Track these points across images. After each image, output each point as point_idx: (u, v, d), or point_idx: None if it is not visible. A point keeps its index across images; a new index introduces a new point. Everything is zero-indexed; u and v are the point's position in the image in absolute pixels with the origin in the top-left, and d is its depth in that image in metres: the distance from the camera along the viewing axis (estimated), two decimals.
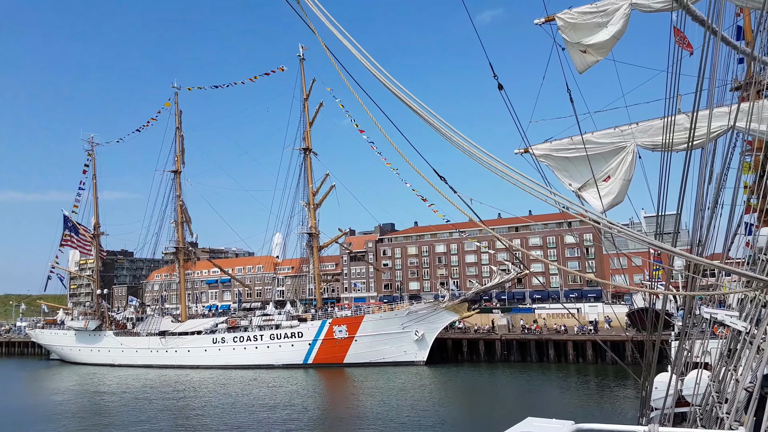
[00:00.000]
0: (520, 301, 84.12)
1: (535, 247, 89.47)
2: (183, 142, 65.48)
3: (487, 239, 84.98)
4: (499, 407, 33.04)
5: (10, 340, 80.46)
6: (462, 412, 31.83)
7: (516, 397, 36.26)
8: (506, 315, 60.05)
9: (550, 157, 11.82)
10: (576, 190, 11.73)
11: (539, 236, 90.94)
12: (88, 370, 58.11)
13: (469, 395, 37.42)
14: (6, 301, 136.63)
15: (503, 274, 48.17)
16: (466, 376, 45.18)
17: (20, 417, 34.29)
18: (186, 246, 66.36)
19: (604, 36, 10.32)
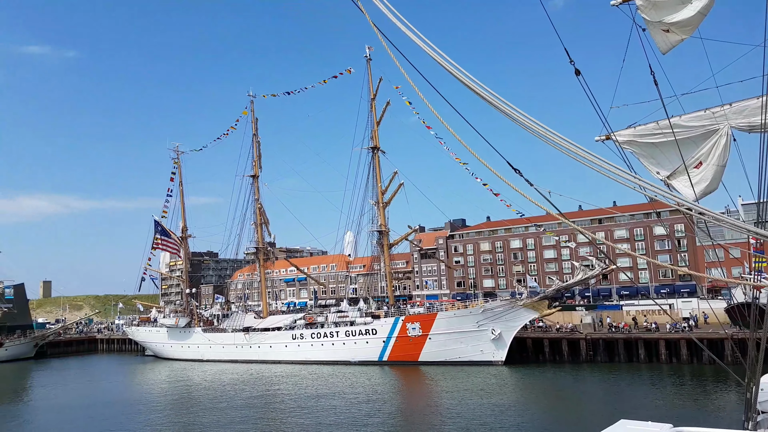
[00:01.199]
0: (606, 298, 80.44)
1: (622, 239, 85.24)
2: (259, 148, 68.22)
3: (567, 233, 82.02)
4: (586, 409, 31.79)
5: (110, 338, 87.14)
6: (546, 413, 30.89)
7: (604, 399, 34.68)
8: (591, 313, 57.63)
9: (635, 143, 11.17)
10: (665, 179, 11.01)
11: (625, 228, 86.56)
12: (180, 365, 61.94)
13: (553, 397, 36.26)
14: (106, 301, 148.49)
15: (586, 270, 46.18)
16: (549, 376, 43.79)
17: (123, 409, 37.18)
18: (265, 246, 69.05)
19: (688, 12, 9.59)
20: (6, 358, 72.88)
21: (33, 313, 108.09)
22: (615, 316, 55.55)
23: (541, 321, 54.55)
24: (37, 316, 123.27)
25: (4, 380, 57.08)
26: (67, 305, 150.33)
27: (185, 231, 74.99)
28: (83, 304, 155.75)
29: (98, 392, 45.46)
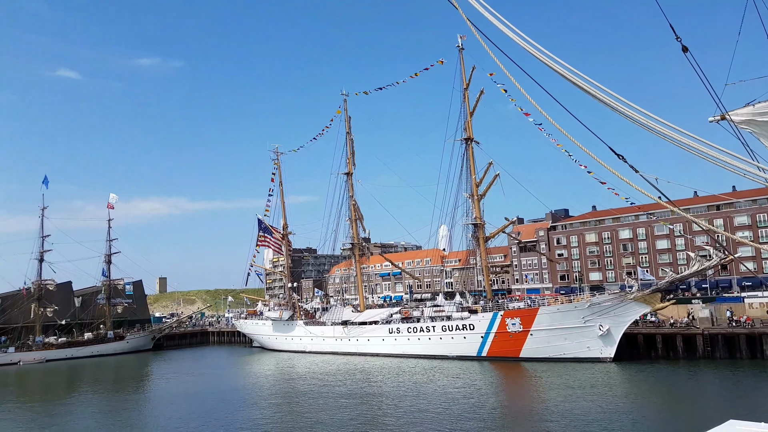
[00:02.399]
0: (726, 290, 74.16)
1: (742, 227, 78.07)
2: (353, 146, 70.07)
3: (681, 221, 76.44)
4: (699, 409, 29.85)
5: (220, 330, 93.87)
6: (657, 412, 29.30)
7: (721, 398, 32.35)
8: (709, 306, 53.42)
9: (754, 122, 10.38)
10: None
11: (746, 214, 79.15)
12: (284, 356, 65.50)
13: (665, 395, 34.23)
14: (216, 295, 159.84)
15: (703, 261, 42.88)
16: (662, 374, 41.30)
17: (235, 397, 40.17)
18: (360, 242, 70.93)
19: None
20: (127, 350, 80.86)
21: (150, 307, 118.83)
22: (736, 309, 51.12)
23: (653, 315, 51.44)
24: (154, 310, 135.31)
25: (126, 371, 63.52)
26: (181, 300, 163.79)
27: (286, 228, 78.85)
28: (196, 298, 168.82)
29: (211, 382, 49.32)
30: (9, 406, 41.57)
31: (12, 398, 45.40)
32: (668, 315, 51.69)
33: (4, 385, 54.33)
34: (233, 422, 30.89)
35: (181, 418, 33.04)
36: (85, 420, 34.58)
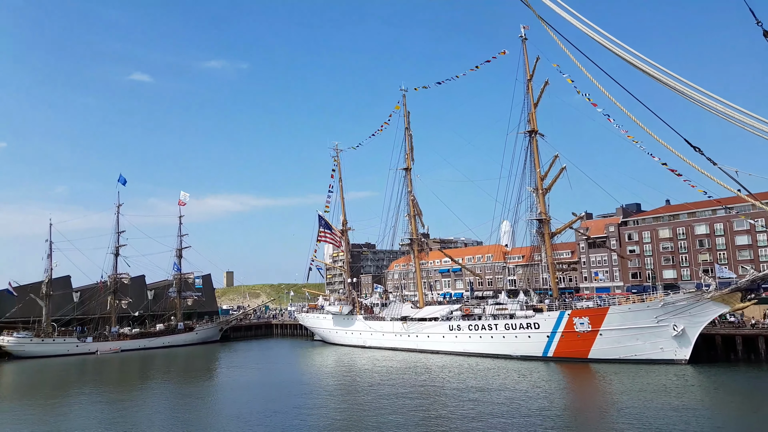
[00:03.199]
0: None
1: None
2: (411, 141, 70.18)
3: (763, 216, 71.65)
4: None
5: (283, 323, 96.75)
6: (737, 419, 27.78)
7: None
8: None
9: None
10: None
11: None
12: (345, 350, 66.68)
13: (745, 400, 32.36)
14: (279, 290, 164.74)
15: None
16: (742, 378, 39.05)
17: (298, 389, 41.40)
18: (419, 237, 70.97)
19: None
20: (197, 341, 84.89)
21: (218, 300, 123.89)
22: None
23: (732, 315, 48.61)
24: (222, 303, 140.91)
25: (197, 360, 66.61)
26: (246, 293, 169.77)
27: (345, 224, 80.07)
28: (260, 292, 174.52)
29: (276, 372, 51.14)
30: (88, 392, 44.70)
31: (91, 385, 48.76)
32: (750, 315, 48.74)
33: (83, 373, 58.40)
34: (299, 414, 31.83)
35: (249, 408, 34.37)
36: (158, 407, 36.65)
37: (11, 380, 56.12)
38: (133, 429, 30.15)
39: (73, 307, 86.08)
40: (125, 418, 33.44)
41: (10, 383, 54.24)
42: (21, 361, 70.19)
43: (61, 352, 74.86)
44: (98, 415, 34.53)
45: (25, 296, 79.78)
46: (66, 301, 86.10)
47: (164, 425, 30.89)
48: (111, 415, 34.62)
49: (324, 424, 29.19)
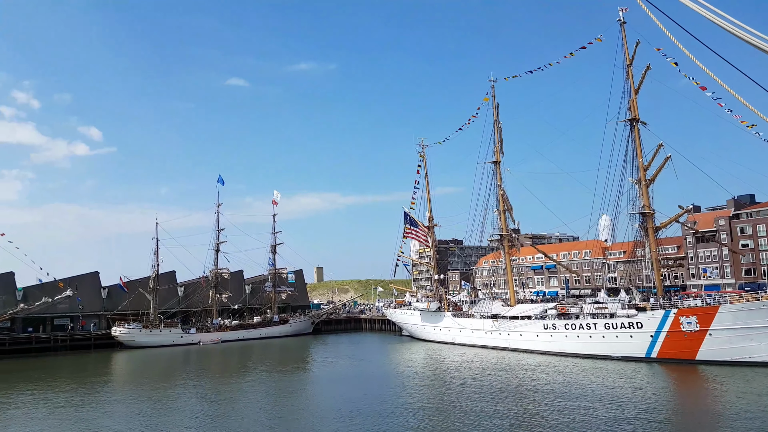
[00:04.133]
0: None
1: None
2: (501, 133, 69.02)
3: None
4: None
5: (371, 318, 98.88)
6: None
7: None
8: None
9: None
10: None
11: None
12: (433, 347, 67.09)
13: None
14: (367, 285, 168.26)
15: None
16: None
17: (388, 383, 42.34)
18: (509, 233, 69.78)
19: None
20: (290, 333, 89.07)
21: (309, 295, 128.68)
22: None
23: None
24: (313, 297, 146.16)
25: (291, 352, 69.79)
26: (336, 288, 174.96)
27: (431, 220, 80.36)
28: (349, 287, 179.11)
29: (367, 366, 52.47)
30: (194, 380, 48.36)
31: (195, 374, 52.70)
32: None
33: (187, 362, 63.12)
34: (392, 409, 32.55)
35: (341, 397, 35.71)
36: (257, 396, 38.95)
37: (124, 368, 61.76)
38: (235, 416, 32.29)
39: (178, 301, 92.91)
40: (228, 405, 35.88)
41: (122, 371, 59.77)
42: (131, 350, 76.88)
43: (167, 343, 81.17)
44: (203, 402, 37.28)
45: (135, 290, 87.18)
46: (171, 294, 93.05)
47: (265, 412, 32.81)
48: (215, 402, 37.27)
49: (418, 420, 29.65)
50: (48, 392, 42.56)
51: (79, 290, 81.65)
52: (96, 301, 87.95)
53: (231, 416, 31.98)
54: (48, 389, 43.96)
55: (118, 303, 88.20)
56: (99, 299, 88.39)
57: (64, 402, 38.50)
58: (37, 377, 51.67)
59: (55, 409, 36.14)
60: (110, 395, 41.97)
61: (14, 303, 77.64)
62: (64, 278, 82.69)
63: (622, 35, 54.93)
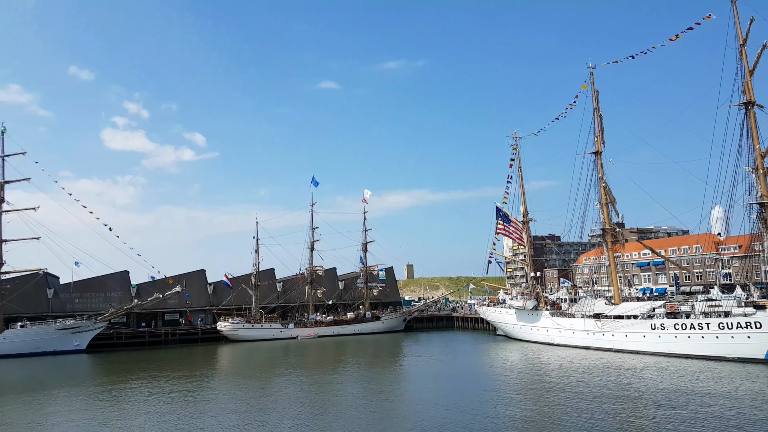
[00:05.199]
0: None
1: None
2: (601, 122, 66.73)
3: None
4: None
5: (464, 316, 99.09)
6: None
7: None
8: None
9: None
10: None
11: None
12: (530, 347, 66.34)
13: None
14: (458, 282, 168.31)
15: None
16: None
17: (483, 383, 42.85)
18: (612, 227, 67.39)
19: None
20: (383, 330, 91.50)
21: (400, 292, 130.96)
22: None
23: None
24: (404, 294, 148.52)
25: (383, 348, 71.72)
26: (426, 285, 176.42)
27: (526, 215, 79.20)
28: (439, 284, 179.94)
29: (461, 364, 53.16)
30: (294, 372, 51.49)
31: (295, 367, 55.99)
32: None
33: (287, 356, 66.97)
34: (490, 410, 33.13)
35: (436, 396, 36.77)
36: (353, 389, 40.95)
37: (229, 360, 66.64)
38: (335, 408, 34.34)
39: (277, 296, 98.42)
40: (327, 398, 38.15)
41: (227, 363, 64.55)
42: (235, 344, 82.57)
43: (268, 337, 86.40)
44: (305, 394, 39.84)
45: (238, 286, 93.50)
46: (271, 290, 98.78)
47: (361, 406, 34.61)
48: (316, 395, 39.71)
49: (519, 422, 29.98)
50: (163, 382, 47.23)
51: (187, 287, 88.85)
52: (202, 296, 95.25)
53: (331, 408, 34.03)
54: (163, 380, 48.77)
55: (222, 298, 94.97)
56: (205, 295, 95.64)
57: (178, 392, 42.67)
58: (153, 368, 57.34)
59: (170, 398, 40.17)
60: (220, 385, 45.96)
61: (129, 299, 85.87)
62: (174, 275, 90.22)
63: (733, 12, 51.50)
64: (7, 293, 76.22)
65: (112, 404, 37.53)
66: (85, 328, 75.02)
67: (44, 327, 73.79)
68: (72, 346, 73.32)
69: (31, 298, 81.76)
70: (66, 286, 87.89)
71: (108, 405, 37.20)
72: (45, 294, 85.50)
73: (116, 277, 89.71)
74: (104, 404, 37.52)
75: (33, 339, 71.82)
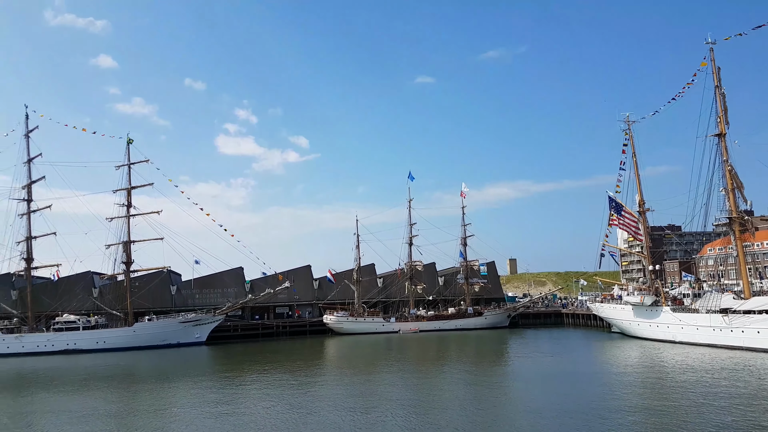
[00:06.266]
0: None
1: None
2: (724, 101, 61.42)
3: None
4: None
5: (574, 312, 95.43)
6: None
7: None
8: None
9: None
10: None
11: None
12: (649, 345, 62.67)
13: None
14: (567, 278, 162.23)
15: None
16: None
17: (596, 384, 41.16)
18: (740, 215, 61.99)
19: None
20: (485, 326, 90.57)
21: (503, 287, 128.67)
22: None
23: None
24: (507, 290, 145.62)
25: (486, 345, 71.03)
26: (531, 281, 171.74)
27: (642, 205, 74.78)
28: (546, 280, 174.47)
29: (572, 363, 51.08)
30: (397, 367, 52.52)
31: (398, 361, 57.07)
32: None
33: (389, 349, 68.37)
34: (605, 409, 31.71)
35: (543, 396, 35.89)
36: (458, 387, 40.98)
37: (336, 352, 69.18)
38: (438, 405, 34.60)
39: (378, 291, 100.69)
40: (430, 393, 38.51)
41: (335, 355, 67.05)
42: (340, 336, 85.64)
43: (370, 330, 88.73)
44: (408, 389, 40.41)
45: (341, 282, 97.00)
46: (372, 285, 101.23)
47: (464, 403, 34.56)
48: (419, 390, 40.22)
49: (642, 428, 28.48)
50: (280, 373, 50.06)
51: (295, 282, 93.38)
52: (309, 291, 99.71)
53: (434, 405, 34.19)
54: (279, 370, 51.73)
55: (326, 293, 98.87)
56: (311, 290, 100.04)
57: (293, 382, 45.06)
58: (269, 359, 61.05)
59: (287, 388, 42.47)
60: (330, 377, 48.05)
61: (244, 294, 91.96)
62: (283, 271, 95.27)
63: None
64: (136, 290, 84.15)
65: (234, 393, 40.35)
66: (205, 321, 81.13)
67: (169, 320, 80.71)
68: (194, 338, 79.58)
69: (156, 294, 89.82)
70: (187, 283, 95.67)
71: (229, 394, 40.03)
72: (169, 290, 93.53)
73: (231, 274, 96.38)
74: (225, 393, 40.39)
75: (159, 332, 78.82)
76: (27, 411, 35.99)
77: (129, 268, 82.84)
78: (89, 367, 58.49)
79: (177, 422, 31.01)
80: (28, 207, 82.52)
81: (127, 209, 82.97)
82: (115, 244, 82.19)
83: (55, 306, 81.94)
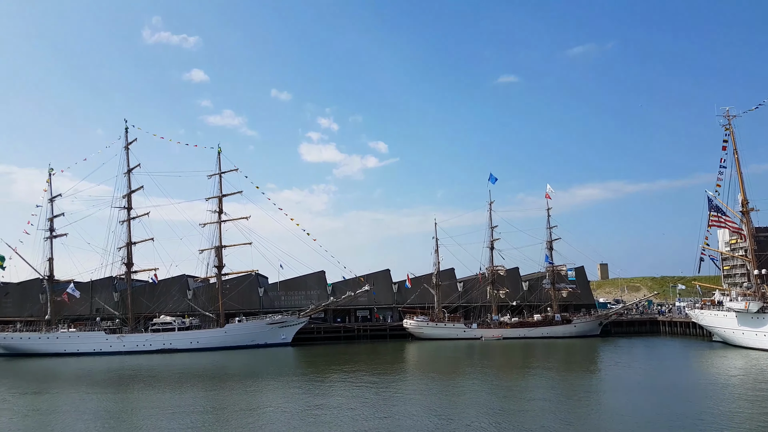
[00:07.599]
0: None
1: None
2: None
3: None
4: None
5: (671, 320, 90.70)
6: None
7: None
8: None
9: None
10: None
11: None
12: (754, 355, 58.61)
13: None
14: (663, 283, 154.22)
15: None
16: None
17: (693, 397, 39.21)
18: None
19: None
20: (574, 334, 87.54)
21: (594, 293, 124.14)
22: None
23: None
24: (598, 296, 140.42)
25: (577, 353, 68.75)
26: (624, 286, 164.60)
27: (746, 204, 70.31)
28: (640, 285, 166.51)
29: (671, 375, 48.22)
30: (481, 374, 52.45)
31: (480, 368, 56.90)
32: None
33: (471, 356, 68.12)
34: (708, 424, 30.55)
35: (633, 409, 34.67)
36: (546, 396, 40.34)
37: (417, 357, 69.85)
38: (524, 414, 34.34)
39: (458, 296, 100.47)
40: (517, 403, 38.23)
41: (416, 359, 67.72)
42: (420, 341, 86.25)
43: (451, 336, 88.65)
44: (493, 397, 40.12)
45: (420, 286, 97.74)
46: (452, 290, 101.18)
47: (554, 414, 34.04)
48: (505, 398, 39.92)
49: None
50: (362, 375, 51.40)
51: (375, 285, 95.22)
52: (388, 295, 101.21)
53: (520, 414, 33.86)
54: (362, 372, 53.10)
55: (406, 297, 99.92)
56: (391, 293, 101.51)
57: (375, 385, 46.10)
58: (352, 361, 62.77)
59: (369, 391, 43.56)
60: (410, 381, 48.72)
61: (326, 297, 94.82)
62: (363, 275, 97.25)
63: None
64: (227, 292, 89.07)
65: (319, 394, 41.95)
66: (290, 323, 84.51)
67: (257, 322, 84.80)
68: (280, 339, 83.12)
69: (245, 296, 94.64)
70: (273, 285, 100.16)
71: (315, 395, 41.65)
72: (257, 292, 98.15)
73: (314, 277, 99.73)
74: (311, 394, 42.06)
75: (248, 332, 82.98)
76: (132, 408, 39.23)
77: (220, 271, 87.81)
78: (185, 366, 62.64)
79: (270, 420, 32.66)
80: (128, 215, 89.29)
81: (219, 216, 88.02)
82: (207, 249, 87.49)
83: (153, 308, 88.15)
